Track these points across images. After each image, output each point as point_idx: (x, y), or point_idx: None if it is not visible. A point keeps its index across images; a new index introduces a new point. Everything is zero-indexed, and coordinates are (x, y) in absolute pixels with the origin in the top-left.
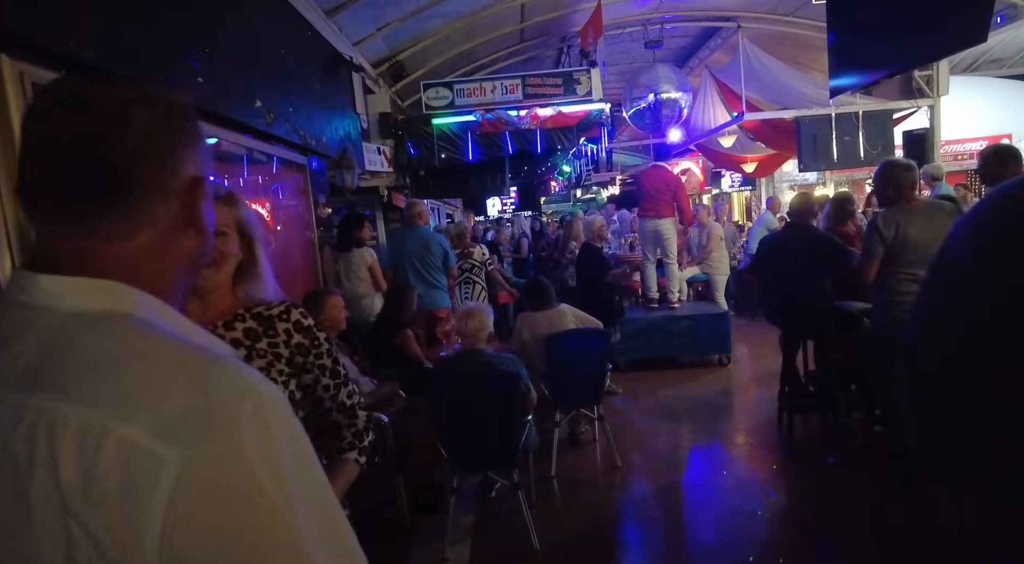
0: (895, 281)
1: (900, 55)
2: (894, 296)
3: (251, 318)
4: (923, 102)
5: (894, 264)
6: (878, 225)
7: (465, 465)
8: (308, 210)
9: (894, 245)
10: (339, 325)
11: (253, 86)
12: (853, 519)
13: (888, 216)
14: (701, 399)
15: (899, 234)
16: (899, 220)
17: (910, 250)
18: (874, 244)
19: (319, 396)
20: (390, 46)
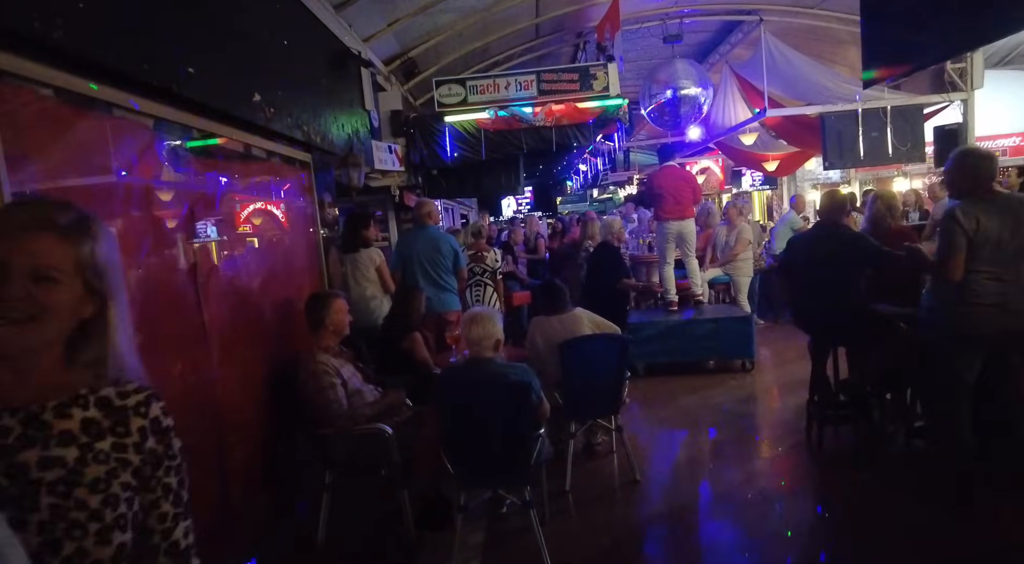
0: (972, 279)
1: (948, 39)
2: (971, 297)
3: (95, 405)
4: (956, 96)
5: (971, 261)
6: (958, 217)
7: (473, 482)
8: (312, 209)
9: (974, 239)
10: (343, 330)
11: (251, 79)
12: (893, 540)
13: (967, 208)
14: (724, 407)
15: (980, 228)
16: (979, 214)
17: (990, 246)
18: (957, 236)
19: (149, 527)
20: (401, 42)
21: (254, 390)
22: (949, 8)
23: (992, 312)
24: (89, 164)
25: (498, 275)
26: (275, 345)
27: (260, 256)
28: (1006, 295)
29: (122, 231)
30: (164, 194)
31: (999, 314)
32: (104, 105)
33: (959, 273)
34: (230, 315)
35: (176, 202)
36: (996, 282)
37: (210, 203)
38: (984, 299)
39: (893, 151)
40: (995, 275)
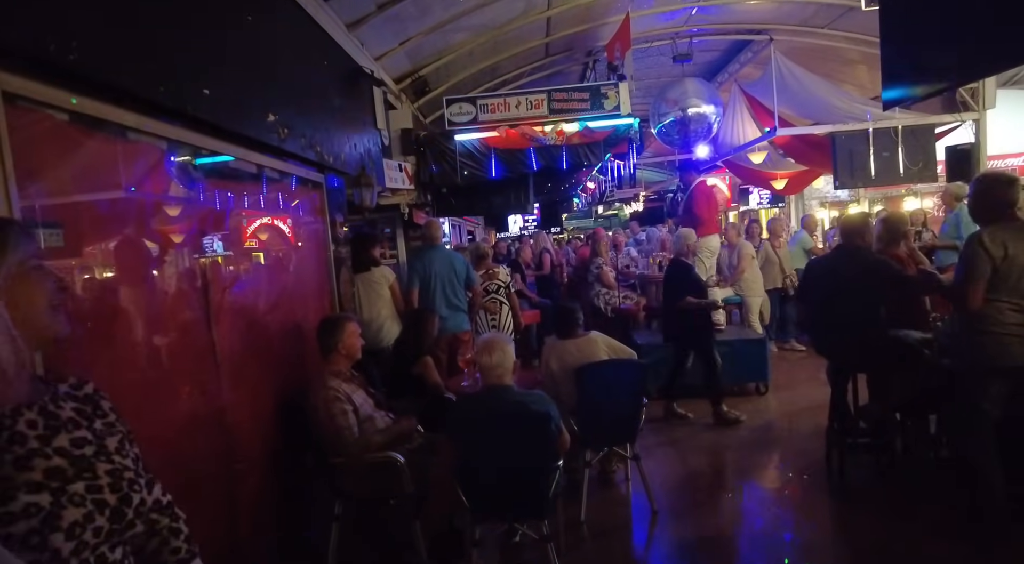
0: (995, 309)
1: (972, 62)
2: (993, 326)
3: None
4: (968, 116)
5: (995, 290)
6: (985, 243)
7: (489, 514)
8: (324, 229)
9: (1000, 268)
10: (355, 354)
11: (266, 99)
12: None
13: (995, 235)
14: (740, 432)
15: (1008, 255)
16: (1007, 240)
17: (1016, 276)
18: (982, 264)
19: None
20: (412, 61)
21: (265, 416)
22: (972, 31)
23: (1015, 342)
24: (100, 184)
25: (511, 290)
26: (286, 369)
27: (272, 277)
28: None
29: (132, 251)
30: (175, 215)
31: (1020, 345)
32: (117, 127)
33: (978, 302)
34: (241, 337)
35: (186, 222)
36: (1017, 312)
37: (220, 223)
38: (1007, 329)
39: (904, 170)
40: (1018, 306)
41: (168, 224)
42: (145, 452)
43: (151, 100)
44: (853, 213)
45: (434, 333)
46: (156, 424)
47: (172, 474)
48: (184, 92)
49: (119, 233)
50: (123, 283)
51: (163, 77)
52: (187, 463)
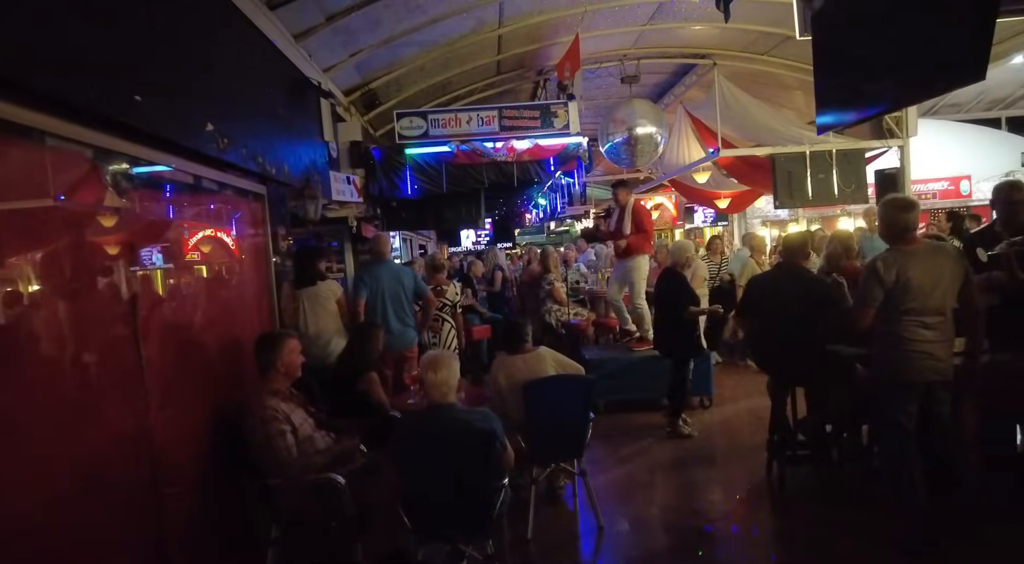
0: (900, 327)
1: (897, 91)
2: (899, 343)
3: None
4: (894, 142)
5: (898, 309)
6: (878, 269)
7: (432, 535)
8: (266, 242)
9: (895, 290)
10: (295, 372)
11: (204, 108)
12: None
13: (889, 259)
14: (686, 446)
15: (900, 278)
16: (900, 263)
17: (912, 294)
18: (872, 288)
19: None
20: (362, 74)
21: (197, 437)
22: (893, 65)
23: (921, 357)
24: (22, 192)
25: (457, 309)
26: (222, 387)
27: (208, 291)
28: (934, 342)
29: (53, 262)
30: (103, 225)
31: (927, 359)
32: (37, 133)
33: (865, 323)
34: (173, 354)
35: (115, 234)
36: (926, 329)
37: (154, 235)
38: (914, 346)
39: (839, 192)
40: (923, 322)
41: (95, 235)
42: (56, 477)
43: (75, 105)
44: (794, 232)
45: (379, 348)
46: (70, 447)
47: (90, 500)
48: (113, 98)
49: (36, 245)
50: (39, 297)
51: (89, 82)
52: (107, 488)
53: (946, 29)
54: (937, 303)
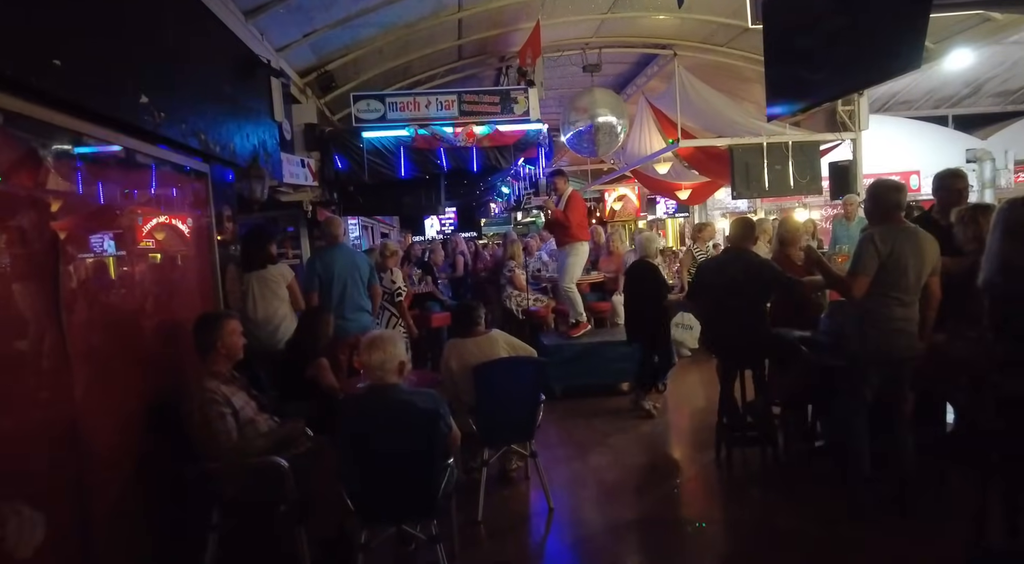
0: (881, 304)
1: (840, 79)
2: (877, 319)
3: None
4: (847, 135)
5: (883, 285)
6: (875, 240)
7: (376, 518)
8: (209, 223)
9: (887, 264)
10: (236, 354)
11: (137, 79)
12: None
13: (885, 234)
14: (639, 428)
15: (893, 253)
16: (894, 238)
17: (899, 272)
18: (870, 257)
19: None
20: (318, 54)
21: (130, 422)
22: (837, 55)
23: (897, 335)
24: None
25: (396, 298)
26: (160, 371)
27: (142, 271)
28: (907, 320)
29: None
30: (17, 200)
31: (902, 337)
32: None
33: (861, 292)
34: (102, 337)
35: (35, 210)
36: (901, 307)
37: (81, 212)
38: (892, 324)
39: (794, 183)
40: (900, 300)
41: (9, 209)
42: None
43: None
44: (740, 218)
45: (329, 333)
46: None
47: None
48: (28, 61)
49: None
50: None
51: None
52: (24, 479)
53: (884, 20)
54: (915, 283)
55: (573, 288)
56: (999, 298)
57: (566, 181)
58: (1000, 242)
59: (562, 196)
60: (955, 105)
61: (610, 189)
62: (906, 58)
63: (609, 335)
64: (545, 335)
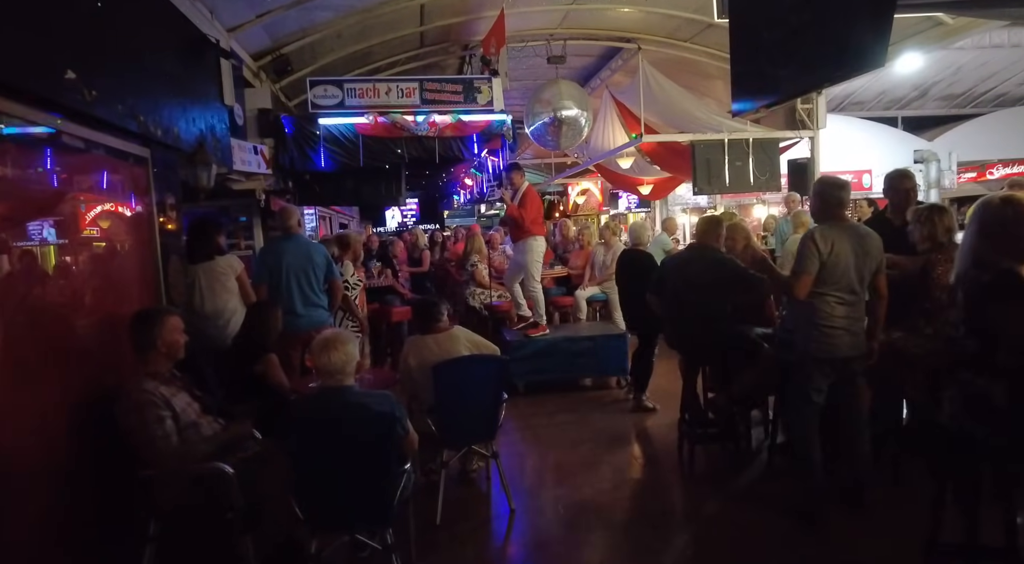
0: (823, 302)
1: (805, 76)
2: (820, 319)
3: None
4: (805, 133)
5: (824, 284)
6: (816, 239)
7: (327, 525)
8: (149, 212)
9: (827, 262)
10: (177, 352)
11: (62, 54)
12: (755, 555)
13: (825, 232)
14: (600, 426)
15: (833, 252)
16: (835, 237)
17: (840, 271)
18: (811, 257)
19: None
20: (273, 37)
21: (57, 427)
22: (802, 51)
23: (840, 334)
24: None
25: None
26: (92, 371)
27: (71, 264)
28: (851, 319)
29: None
30: None
31: (845, 336)
32: None
33: (804, 292)
34: (23, 335)
35: None
36: (843, 306)
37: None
38: (833, 322)
39: (754, 180)
40: (842, 299)
41: None
42: None
43: None
44: (708, 215)
45: (278, 328)
46: None
47: None
48: None
49: None
50: None
51: None
52: None
53: (849, 17)
54: (858, 282)
55: (538, 286)
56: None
57: (522, 175)
58: (974, 238)
59: (518, 190)
60: (904, 107)
61: (573, 183)
62: (871, 56)
63: (572, 330)
64: (508, 330)
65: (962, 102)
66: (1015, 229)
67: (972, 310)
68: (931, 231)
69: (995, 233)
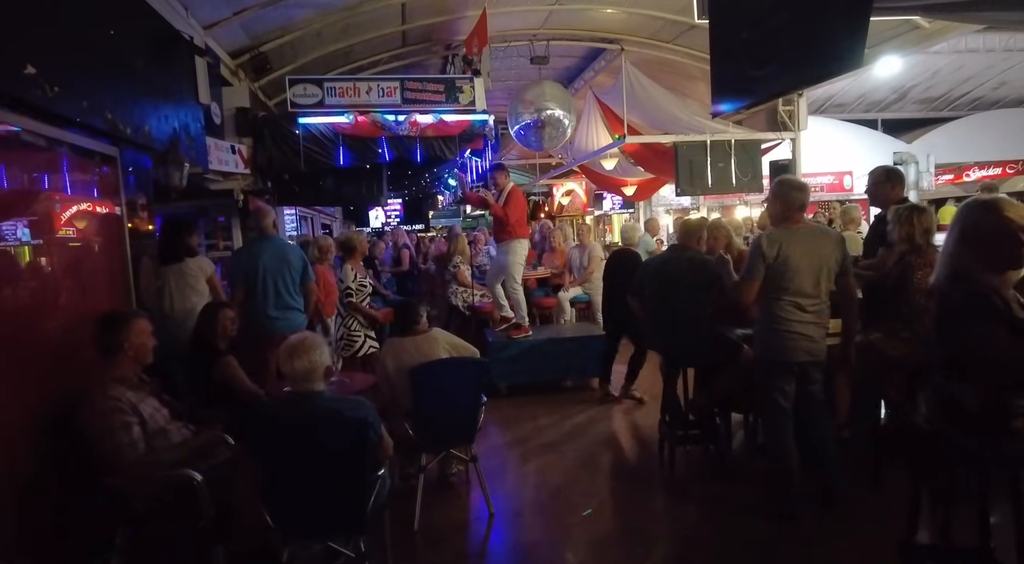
0: (777, 307)
1: (783, 77)
2: (775, 324)
3: None
4: (787, 135)
5: (776, 288)
6: (761, 244)
7: (299, 534)
8: (118, 212)
9: (775, 266)
10: (145, 356)
11: (20, 47)
12: (735, 557)
13: (772, 236)
14: (581, 428)
15: (780, 256)
16: (782, 241)
17: (790, 274)
18: (756, 262)
19: None
20: (251, 35)
21: (16, 434)
22: (781, 52)
23: (796, 338)
24: None
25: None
26: (56, 377)
27: (35, 266)
28: (808, 324)
29: None
30: None
31: (801, 340)
32: None
33: (749, 297)
34: None
35: None
36: (799, 310)
37: None
38: (790, 327)
39: (736, 181)
40: (797, 304)
41: None
42: None
43: None
44: (693, 218)
45: (231, 330)
46: None
47: None
48: None
49: None
50: None
51: None
52: None
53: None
54: (813, 285)
55: (519, 288)
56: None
57: (507, 176)
58: (954, 245)
59: (503, 191)
60: (884, 109)
61: (558, 184)
62: (847, 57)
63: (555, 331)
64: (490, 331)
65: (940, 105)
66: (996, 238)
67: (941, 328)
68: (909, 231)
69: (976, 242)
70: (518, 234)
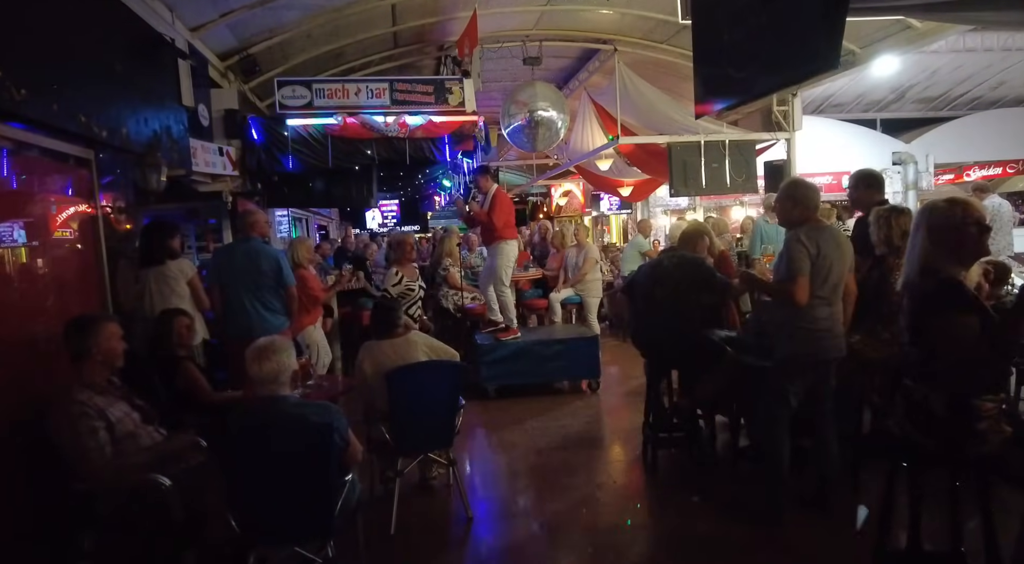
0: (809, 305)
1: (764, 78)
2: (805, 322)
3: None
4: (781, 135)
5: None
6: (803, 240)
7: (265, 539)
8: (94, 215)
9: (815, 264)
10: (115, 360)
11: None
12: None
13: (809, 234)
14: (568, 430)
15: (820, 253)
16: (819, 239)
17: (825, 273)
18: (803, 259)
19: None
20: (239, 37)
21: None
22: (761, 53)
23: (825, 336)
24: None
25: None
26: (28, 380)
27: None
28: (832, 320)
29: None
30: None
31: (829, 338)
32: None
33: (805, 294)
34: None
35: None
36: (827, 307)
37: None
38: (819, 324)
39: (731, 181)
40: (826, 301)
41: None
42: None
43: None
44: (692, 222)
45: (188, 336)
46: None
47: None
48: None
49: None
50: None
51: None
52: None
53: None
54: (836, 283)
55: (507, 291)
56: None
57: (490, 179)
58: (922, 242)
59: (487, 195)
60: (882, 109)
61: (556, 184)
62: (824, 59)
63: (545, 333)
64: (480, 334)
65: (939, 105)
66: (962, 232)
67: (913, 319)
68: (887, 234)
69: (943, 236)
70: (505, 236)
